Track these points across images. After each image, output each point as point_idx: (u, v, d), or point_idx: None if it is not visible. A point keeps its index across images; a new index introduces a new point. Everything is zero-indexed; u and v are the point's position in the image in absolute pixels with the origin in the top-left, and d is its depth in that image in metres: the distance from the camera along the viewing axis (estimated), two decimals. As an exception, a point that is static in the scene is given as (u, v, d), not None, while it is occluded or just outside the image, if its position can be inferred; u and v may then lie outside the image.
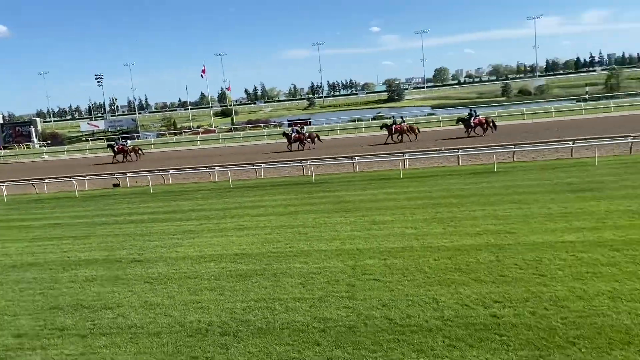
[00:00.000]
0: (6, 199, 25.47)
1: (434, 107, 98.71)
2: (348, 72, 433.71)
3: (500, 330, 7.35)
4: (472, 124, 35.38)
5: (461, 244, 11.47)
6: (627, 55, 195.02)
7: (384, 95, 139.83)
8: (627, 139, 22.38)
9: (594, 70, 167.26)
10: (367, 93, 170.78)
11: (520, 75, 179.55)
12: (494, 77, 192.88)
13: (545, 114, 48.52)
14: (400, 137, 36.72)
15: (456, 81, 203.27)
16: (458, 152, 24.19)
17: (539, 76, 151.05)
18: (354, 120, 66.95)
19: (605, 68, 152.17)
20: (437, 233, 12.58)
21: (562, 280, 8.91)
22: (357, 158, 25.33)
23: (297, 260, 11.41)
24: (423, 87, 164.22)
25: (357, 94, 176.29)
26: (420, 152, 26.41)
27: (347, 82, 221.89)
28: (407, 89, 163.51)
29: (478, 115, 36.10)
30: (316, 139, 38.23)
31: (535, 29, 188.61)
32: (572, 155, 22.65)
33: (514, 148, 23.52)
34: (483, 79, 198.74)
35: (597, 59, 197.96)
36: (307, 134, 38.62)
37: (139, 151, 41.11)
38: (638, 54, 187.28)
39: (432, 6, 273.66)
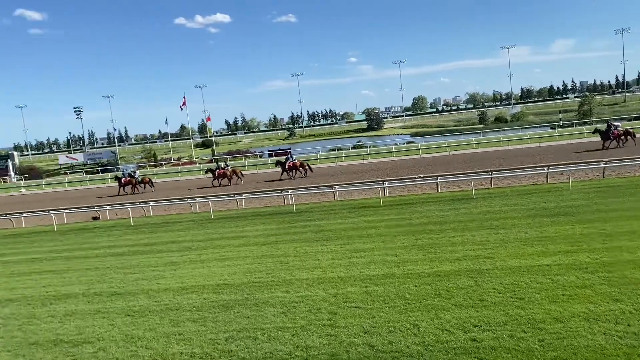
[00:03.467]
0: (-18, 234, 25.03)
1: (413, 135, 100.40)
2: (327, 101, 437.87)
3: (480, 353, 7.47)
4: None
5: (441, 270, 11.65)
6: (598, 83, 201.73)
7: (364, 124, 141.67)
8: (599, 164, 23.03)
9: (567, 98, 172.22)
10: (346, 122, 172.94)
11: (497, 103, 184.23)
12: (470, 105, 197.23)
13: (521, 140, 49.62)
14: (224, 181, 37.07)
15: (434, 109, 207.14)
16: (437, 179, 24.59)
17: (514, 104, 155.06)
18: (334, 150, 67.59)
19: (578, 95, 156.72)
20: (417, 259, 12.75)
21: (539, 303, 9.11)
22: (337, 187, 25.56)
23: (279, 290, 11.45)
24: (402, 116, 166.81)
25: (337, 123, 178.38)
26: (399, 179, 26.79)
27: (326, 112, 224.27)
28: (386, 117, 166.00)
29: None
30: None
31: (509, 58, 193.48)
32: (547, 181, 23.19)
33: (491, 175, 24.02)
34: (460, 107, 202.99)
35: (569, 86, 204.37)
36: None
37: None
38: (609, 81, 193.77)
39: (407, 37, 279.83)
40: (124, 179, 39.10)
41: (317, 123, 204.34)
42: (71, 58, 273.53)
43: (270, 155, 66.18)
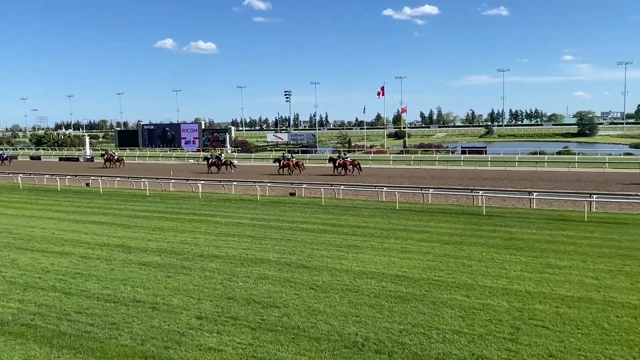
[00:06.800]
0: (201, 195, 28.96)
1: (633, 146, 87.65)
2: (534, 101, 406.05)
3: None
4: None
5: (652, 305, 10.09)
6: None
7: (574, 129, 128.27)
8: None
9: None
10: (553, 124, 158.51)
11: None
12: None
13: None
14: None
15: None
16: (658, 199, 21.25)
17: None
18: (535, 153, 62.64)
19: None
20: (622, 287, 11.24)
21: None
22: (535, 194, 23.70)
23: (458, 293, 11.11)
24: (622, 123, 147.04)
25: (542, 124, 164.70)
26: (611, 194, 23.80)
27: (531, 112, 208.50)
28: (601, 123, 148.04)
29: None
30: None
31: None
32: None
33: None
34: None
35: None
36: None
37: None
38: None
39: (636, 34, 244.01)
40: (212, 160, 43.74)
41: (519, 123, 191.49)
42: (287, 45, 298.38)
43: (463, 152, 64.09)
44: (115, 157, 55.47)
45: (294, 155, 47.43)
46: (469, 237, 16.78)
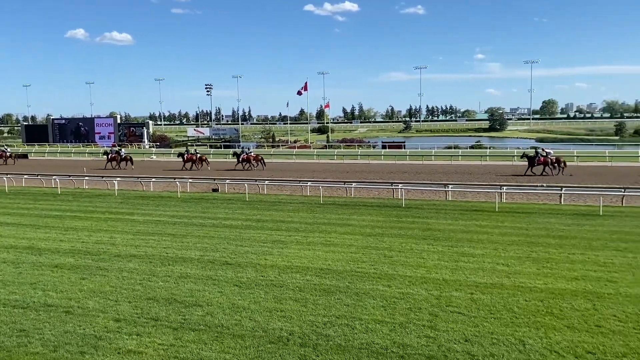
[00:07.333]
0: (117, 193, 27.70)
1: (538, 140, 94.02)
2: (448, 97, 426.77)
3: (592, 384, 6.91)
4: None
5: (556, 287, 10.90)
6: None
7: (486, 124, 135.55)
8: None
9: None
10: (467, 120, 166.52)
11: (638, 115, 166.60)
12: (607, 115, 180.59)
13: (663, 157, 44.56)
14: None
15: (565, 115, 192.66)
16: (561, 190, 22.94)
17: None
18: (450, 147, 65.57)
19: None
20: (530, 273, 12.04)
21: (668, 341, 8.19)
22: (450, 186, 24.80)
23: (380, 283, 11.42)
24: (528, 119, 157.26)
25: (456, 120, 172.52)
26: (519, 186, 25.38)
27: (446, 108, 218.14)
28: (510, 119, 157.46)
29: None
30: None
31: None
32: (692, 206, 20.67)
33: (624, 192, 21.91)
34: (595, 116, 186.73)
35: None
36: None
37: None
38: None
39: (542, 35, 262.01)
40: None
41: (435, 118, 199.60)
42: (207, 38, 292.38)
43: (383, 147, 65.85)
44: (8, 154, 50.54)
45: (197, 150, 46.79)
46: (390, 229, 17.28)
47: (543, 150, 34.58)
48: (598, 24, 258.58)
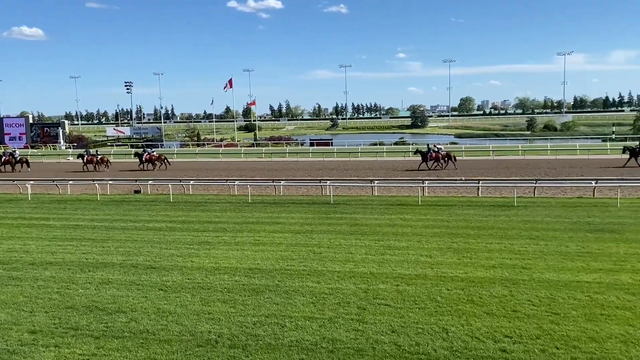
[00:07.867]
0: (31, 197, 26.04)
1: (457, 136, 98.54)
2: (373, 95, 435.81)
3: (509, 365, 7.31)
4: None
5: (475, 276, 11.44)
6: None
7: (408, 121, 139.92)
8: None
9: (622, 110, 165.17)
10: (391, 117, 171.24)
11: (547, 110, 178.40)
12: (519, 111, 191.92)
13: (569, 150, 48.04)
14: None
15: (481, 112, 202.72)
16: (478, 183, 24.11)
17: (566, 112, 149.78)
18: (375, 144, 67.14)
19: (634, 109, 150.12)
20: (451, 263, 12.56)
21: (575, 320, 8.83)
22: (376, 182, 25.38)
23: (309, 280, 11.50)
24: (447, 116, 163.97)
25: (381, 117, 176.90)
26: (440, 180, 26.40)
27: (371, 106, 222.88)
28: (431, 116, 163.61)
29: None
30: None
31: (564, 65, 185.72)
32: (594, 195, 22.39)
33: (535, 183, 23.37)
34: (509, 112, 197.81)
35: (626, 98, 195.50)
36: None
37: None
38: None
39: (458, 36, 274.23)
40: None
41: (361, 116, 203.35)
42: (126, 34, 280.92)
43: (311, 145, 66.32)
44: None
45: (99, 152, 46.67)
46: (319, 226, 17.43)
47: (435, 146, 36.45)
48: (510, 25, 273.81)
